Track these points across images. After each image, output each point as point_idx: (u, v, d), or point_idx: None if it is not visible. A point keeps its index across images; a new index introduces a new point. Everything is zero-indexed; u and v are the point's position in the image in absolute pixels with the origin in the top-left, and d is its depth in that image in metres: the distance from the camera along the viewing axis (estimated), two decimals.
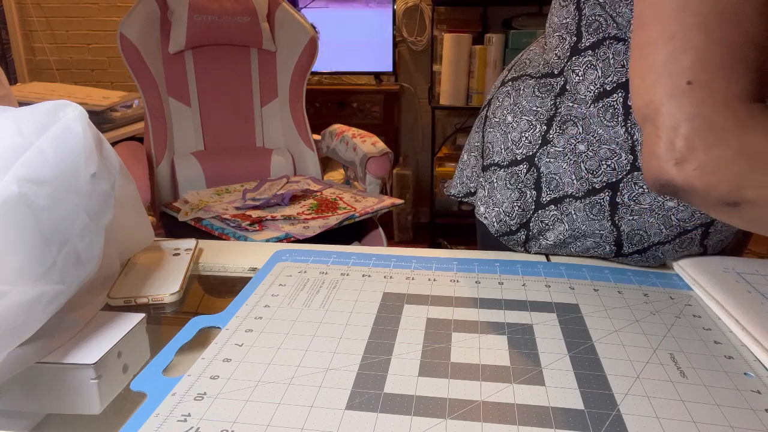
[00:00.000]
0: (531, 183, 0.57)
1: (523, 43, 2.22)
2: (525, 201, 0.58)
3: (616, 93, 0.52)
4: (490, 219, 0.61)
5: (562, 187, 0.56)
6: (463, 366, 0.39)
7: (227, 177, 1.60)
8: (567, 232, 0.56)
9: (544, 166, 0.56)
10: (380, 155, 1.52)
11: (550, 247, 0.58)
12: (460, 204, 2.58)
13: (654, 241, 0.54)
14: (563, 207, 0.56)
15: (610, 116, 0.53)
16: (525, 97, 0.59)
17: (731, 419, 0.34)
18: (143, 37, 1.53)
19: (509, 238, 0.60)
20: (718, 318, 0.46)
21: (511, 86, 0.62)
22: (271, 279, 0.53)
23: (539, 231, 0.58)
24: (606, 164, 0.53)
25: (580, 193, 0.55)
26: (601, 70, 0.53)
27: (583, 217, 0.55)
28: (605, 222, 0.54)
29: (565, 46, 0.56)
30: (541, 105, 0.57)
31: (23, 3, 2.85)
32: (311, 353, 0.40)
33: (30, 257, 0.38)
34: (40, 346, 0.41)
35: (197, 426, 0.33)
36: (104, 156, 0.46)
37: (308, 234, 1.21)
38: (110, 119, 1.84)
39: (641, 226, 0.53)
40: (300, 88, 1.70)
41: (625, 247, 0.55)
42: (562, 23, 0.57)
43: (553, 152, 0.56)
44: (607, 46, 0.52)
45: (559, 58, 0.57)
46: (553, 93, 0.57)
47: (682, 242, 0.54)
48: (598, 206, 0.54)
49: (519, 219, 0.58)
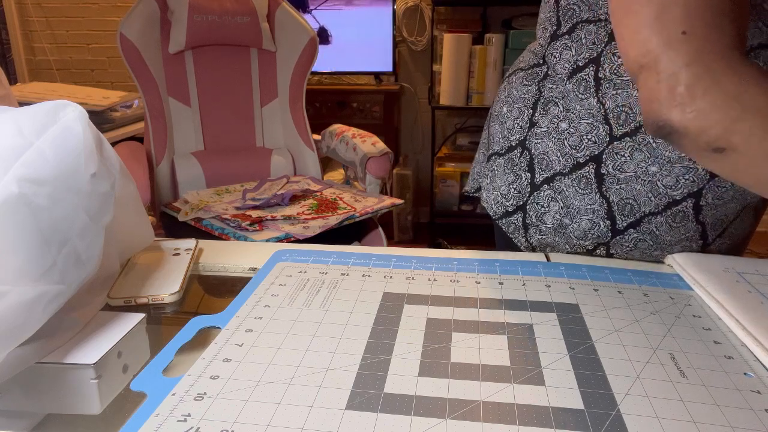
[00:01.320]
0: (525, 165, 0.61)
1: (523, 43, 2.22)
2: (520, 183, 0.61)
3: (588, 67, 0.56)
4: (489, 203, 0.65)
5: (551, 165, 0.59)
6: (463, 366, 0.39)
7: (227, 177, 1.60)
8: (562, 211, 0.58)
9: (534, 147, 0.60)
10: (380, 155, 1.52)
11: (549, 232, 0.60)
12: (460, 204, 2.58)
13: (645, 211, 0.55)
14: (554, 185, 0.59)
15: (584, 89, 0.57)
16: (516, 88, 0.65)
17: (731, 419, 0.34)
18: (143, 37, 1.52)
19: (508, 221, 0.63)
20: (718, 318, 0.46)
21: (507, 81, 0.68)
22: (271, 279, 0.53)
23: (536, 215, 0.60)
24: (587, 138, 0.56)
25: (567, 169, 0.58)
26: (575, 50, 0.58)
27: (573, 193, 0.58)
28: (594, 195, 0.56)
29: (546, 35, 0.62)
30: (527, 92, 0.63)
31: (23, 3, 2.85)
32: (311, 353, 0.40)
33: (30, 257, 0.38)
34: (40, 346, 0.41)
35: (197, 426, 0.33)
36: (104, 156, 0.46)
37: (308, 234, 1.21)
38: (110, 119, 1.84)
39: (629, 194, 0.55)
40: (300, 88, 1.70)
41: (618, 221, 0.56)
42: (546, 17, 0.62)
43: (539, 133, 0.60)
44: (580, 29, 0.57)
45: (542, 47, 0.63)
46: (538, 79, 0.62)
47: (675, 215, 0.55)
48: (585, 180, 0.57)
49: (515, 201, 0.62)
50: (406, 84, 2.74)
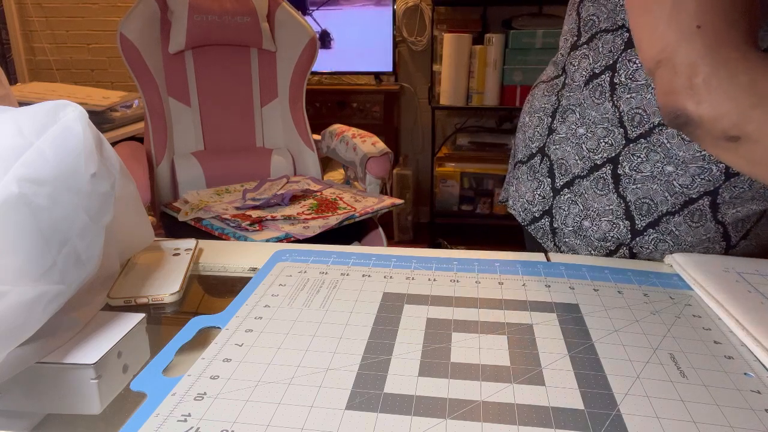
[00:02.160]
0: (545, 171, 0.63)
1: (523, 43, 2.22)
2: (543, 189, 0.64)
3: (604, 74, 0.58)
4: (517, 210, 0.67)
5: (570, 169, 0.61)
6: (463, 366, 0.39)
7: (227, 177, 1.60)
8: (582, 213, 0.60)
9: (553, 153, 0.62)
10: (380, 155, 1.52)
11: (571, 235, 0.61)
12: (460, 204, 2.58)
13: (662, 211, 0.56)
14: (574, 188, 0.60)
15: (599, 94, 0.58)
16: (537, 99, 0.67)
17: (731, 419, 0.34)
18: (143, 37, 1.52)
19: (536, 226, 0.65)
20: (718, 318, 0.46)
21: (531, 94, 0.71)
22: (271, 279, 0.53)
23: (561, 219, 0.62)
24: (604, 141, 0.58)
25: (585, 171, 0.59)
26: (592, 58, 0.59)
27: (592, 194, 0.59)
28: (612, 195, 0.58)
29: (567, 46, 0.64)
30: (547, 102, 0.65)
31: (23, 3, 2.85)
32: (311, 353, 0.40)
33: (30, 257, 0.38)
34: (40, 346, 0.41)
35: (197, 426, 0.33)
36: (104, 156, 0.46)
37: (308, 234, 1.21)
38: (110, 119, 1.84)
39: (646, 194, 0.56)
40: (300, 88, 1.70)
41: (637, 221, 0.57)
42: (569, 28, 0.64)
43: (557, 139, 0.62)
44: (598, 38, 0.59)
45: (563, 56, 0.65)
46: (557, 89, 0.64)
47: (692, 214, 0.55)
48: (602, 180, 0.58)
49: (541, 206, 0.64)
50: (406, 84, 2.74)
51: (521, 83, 2.28)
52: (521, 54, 2.24)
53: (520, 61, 2.25)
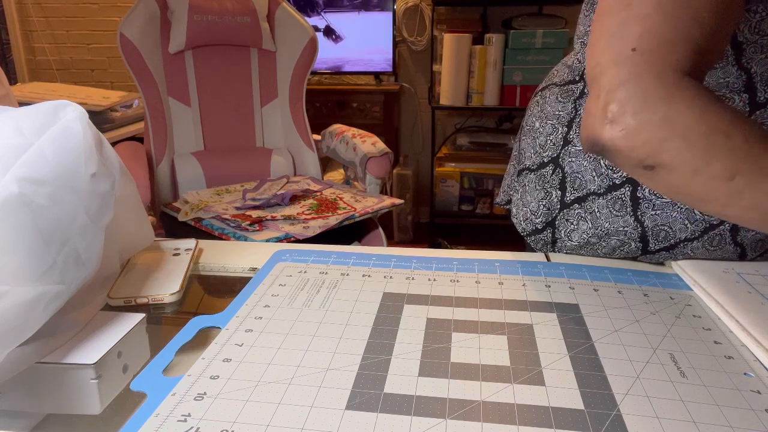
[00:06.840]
0: (556, 183, 0.60)
1: (523, 43, 2.22)
2: (550, 200, 0.60)
3: None
4: (518, 219, 0.64)
5: (585, 184, 0.57)
6: (463, 366, 0.39)
7: (227, 177, 1.59)
8: (590, 231, 0.57)
9: (568, 165, 0.59)
10: (380, 155, 1.52)
11: (575, 248, 0.59)
12: (460, 204, 2.58)
13: (680, 238, 0.54)
14: (587, 205, 0.58)
15: None
16: (549, 104, 0.63)
17: (731, 419, 0.34)
18: (143, 37, 1.52)
19: (536, 237, 0.62)
20: (718, 318, 0.46)
21: (540, 95, 0.66)
22: (271, 279, 0.53)
23: (565, 231, 0.59)
24: None
25: (602, 189, 0.56)
26: None
27: (606, 214, 0.56)
28: (628, 218, 0.55)
29: (584, 50, 0.59)
30: (562, 109, 0.61)
31: (23, 3, 2.85)
32: (311, 353, 0.40)
33: (30, 257, 0.38)
34: (40, 346, 0.41)
35: (197, 426, 0.33)
36: (104, 156, 0.46)
37: (308, 234, 1.21)
38: (110, 119, 1.84)
39: (665, 221, 0.54)
40: (300, 88, 1.70)
41: (651, 244, 0.56)
42: (586, 31, 0.60)
43: (574, 152, 0.58)
44: None
45: (580, 62, 0.60)
46: (574, 97, 0.60)
47: (712, 239, 0.54)
48: (620, 202, 0.56)
49: (545, 218, 0.61)
50: (406, 84, 2.74)
51: (521, 83, 2.28)
52: (521, 54, 2.24)
53: (520, 61, 2.25)
